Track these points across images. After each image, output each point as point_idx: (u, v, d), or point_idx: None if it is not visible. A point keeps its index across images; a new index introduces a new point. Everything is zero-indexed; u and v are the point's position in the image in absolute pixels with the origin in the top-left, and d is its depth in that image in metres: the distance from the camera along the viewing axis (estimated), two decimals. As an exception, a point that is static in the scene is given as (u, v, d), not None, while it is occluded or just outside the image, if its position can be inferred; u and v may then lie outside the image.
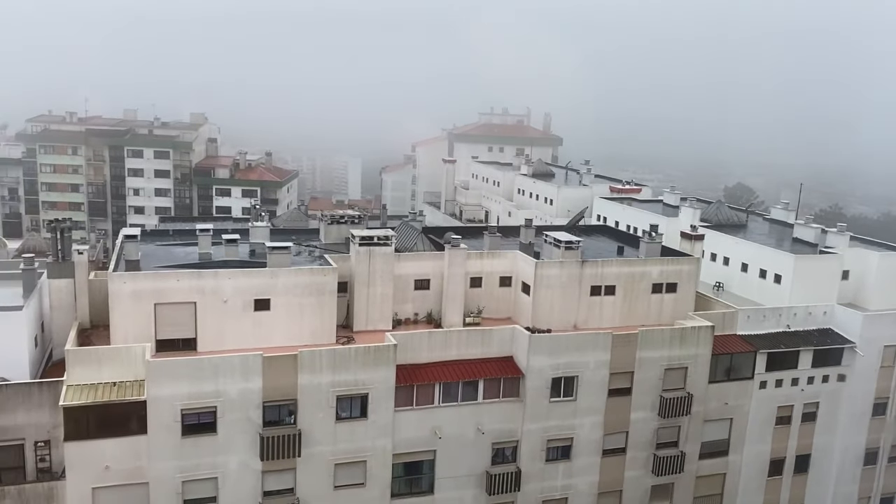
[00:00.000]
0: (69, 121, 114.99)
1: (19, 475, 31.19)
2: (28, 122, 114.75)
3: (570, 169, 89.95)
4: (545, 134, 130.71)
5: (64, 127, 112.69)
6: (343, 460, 34.86)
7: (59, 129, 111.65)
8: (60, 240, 35.53)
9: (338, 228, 44.51)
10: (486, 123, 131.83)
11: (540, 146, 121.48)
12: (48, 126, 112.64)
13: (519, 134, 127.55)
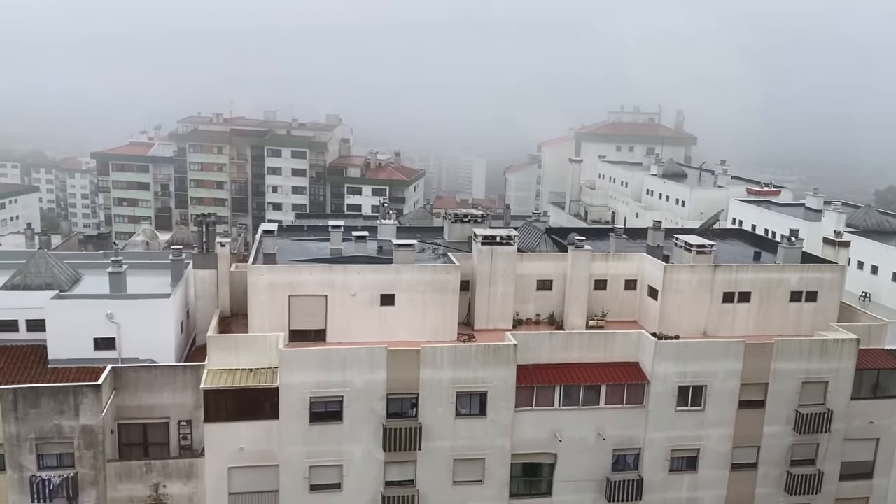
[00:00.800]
0: (216, 122, 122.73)
1: (164, 451, 33.71)
2: (179, 123, 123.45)
3: (703, 169, 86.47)
4: (677, 132, 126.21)
5: (211, 127, 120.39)
6: (462, 456, 35.22)
7: (207, 130, 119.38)
8: (206, 233, 38.01)
9: (461, 227, 44.96)
10: (616, 122, 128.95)
11: (671, 145, 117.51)
12: (197, 126, 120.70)
13: (649, 133, 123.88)
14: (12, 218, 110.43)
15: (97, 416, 31.17)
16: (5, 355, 34.47)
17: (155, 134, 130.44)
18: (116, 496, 32.33)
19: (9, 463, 31.02)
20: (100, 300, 34.85)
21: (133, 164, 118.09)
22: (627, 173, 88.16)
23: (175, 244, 50.23)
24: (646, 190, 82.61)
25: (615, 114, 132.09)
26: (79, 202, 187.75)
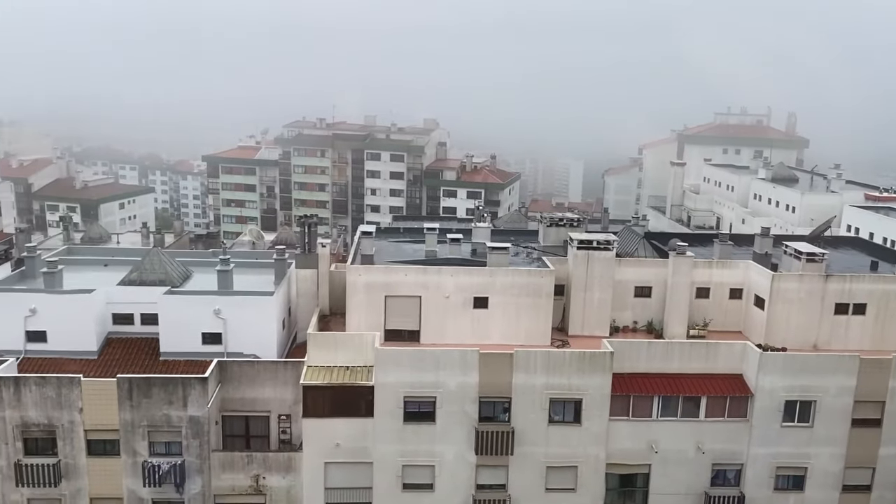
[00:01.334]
0: (319, 126, 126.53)
1: (265, 443, 34.93)
2: (285, 128, 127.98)
3: (815, 174, 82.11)
4: (788, 135, 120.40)
5: (315, 132, 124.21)
6: (555, 463, 34.78)
7: (311, 134, 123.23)
8: (308, 234, 39.21)
9: (556, 231, 44.44)
10: (721, 124, 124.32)
11: (781, 149, 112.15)
12: (301, 131, 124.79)
13: (758, 135, 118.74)
14: (130, 217, 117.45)
15: (203, 407, 32.66)
16: (122, 346, 36.67)
17: (262, 138, 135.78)
18: (220, 485, 33.76)
19: (123, 448, 32.96)
20: (208, 296, 36.52)
21: (241, 166, 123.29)
22: (734, 177, 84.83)
23: (279, 244, 52.06)
24: (753, 195, 79.23)
25: (721, 115, 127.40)
26: (190, 203, 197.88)
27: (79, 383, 32.30)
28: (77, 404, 32.34)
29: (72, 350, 35.60)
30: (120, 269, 40.54)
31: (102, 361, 35.63)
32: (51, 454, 32.80)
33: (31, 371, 33.64)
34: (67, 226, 68.79)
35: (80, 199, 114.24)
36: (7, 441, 32.42)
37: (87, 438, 32.85)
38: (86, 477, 33.16)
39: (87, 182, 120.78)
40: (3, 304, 35.25)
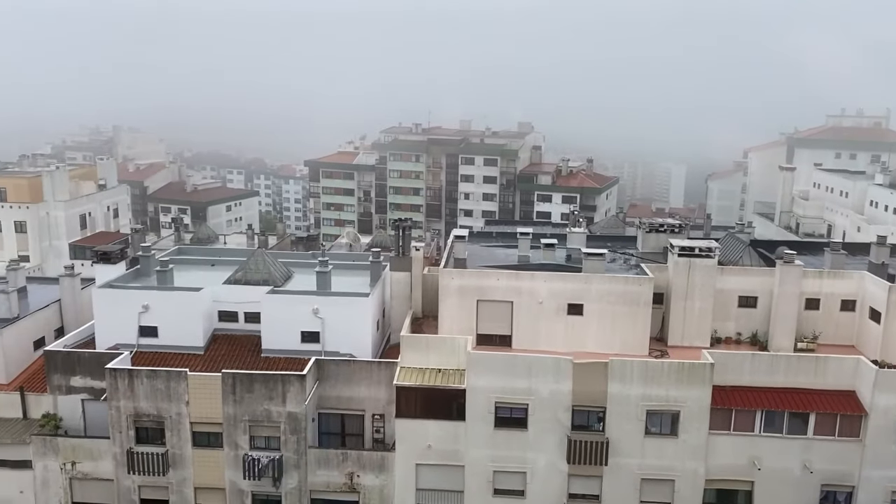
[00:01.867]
0: (415, 131, 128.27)
1: (359, 442, 35.60)
2: (381, 133, 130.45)
3: (940, 179, 76.45)
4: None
5: (410, 137, 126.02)
6: (650, 476, 33.79)
7: (406, 139, 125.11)
8: (402, 237, 39.75)
9: (656, 237, 43.26)
10: (835, 127, 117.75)
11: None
12: (398, 136, 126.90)
13: (876, 138, 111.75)
14: (237, 219, 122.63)
15: (301, 404, 33.60)
16: (227, 343, 38.23)
17: (360, 143, 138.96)
18: (315, 481, 34.62)
19: (226, 441, 34.34)
20: (307, 296, 37.57)
21: (340, 171, 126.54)
22: (848, 183, 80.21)
23: (374, 247, 53.02)
24: (869, 201, 74.67)
25: (834, 117, 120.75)
26: (292, 206, 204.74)
27: (186, 377, 33.90)
28: (184, 397, 33.95)
29: (180, 345, 37.39)
30: (226, 269, 42.29)
31: (208, 357, 37.26)
32: (159, 444, 34.56)
33: (143, 364, 35.57)
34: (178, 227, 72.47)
35: (190, 201, 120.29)
36: (121, 430, 34.38)
37: (192, 430, 34.39)
38: (191, 467, 34.73)
39: (196, 186, 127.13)
40: (119, 301, 37.40)
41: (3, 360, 37.94)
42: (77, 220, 74.22)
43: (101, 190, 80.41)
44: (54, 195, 71.62)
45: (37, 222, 70.58)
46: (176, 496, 35.04)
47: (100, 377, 34.71)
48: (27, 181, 72.10)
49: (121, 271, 40.26)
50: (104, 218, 79.38)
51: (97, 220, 77.89)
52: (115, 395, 34.07)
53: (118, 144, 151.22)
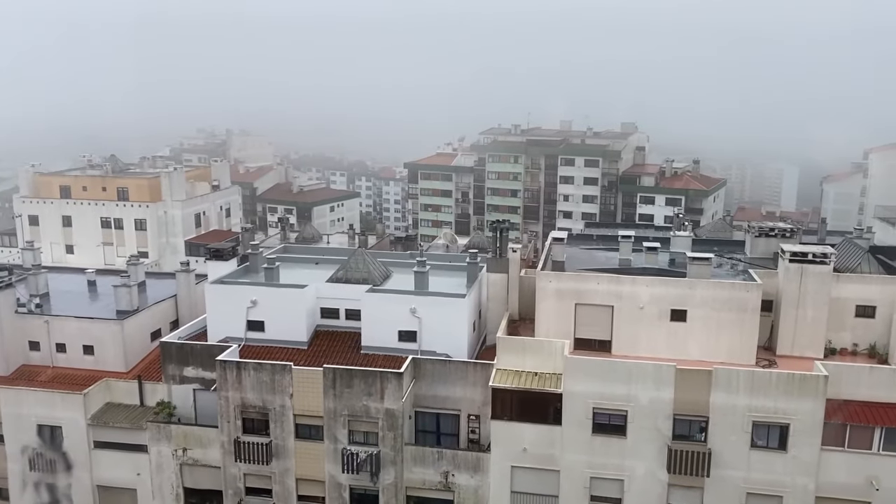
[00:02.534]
0: (514, 132, 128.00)
1: (454, 441, 35.82)
2: (481, 135, 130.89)
3: None
4: None
5: (509, 138, 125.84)
6: (756, 491, 32.34)
7: (505, 141, 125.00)
8: (499, 239, 39.74)
9: (766, 241, 41.44)
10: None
11: None
12: (496, 138, 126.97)
13: None
14: (339, 219, 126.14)
15: (398, 401, 34.16)
16: (328, 338, 39.36)
17: (459, 145, 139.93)
18: (411, 478, 35.11)
19: (326, 434, 35.34)
20: (405, 296, 38.17)
21: (438, 173, 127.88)
22: (982, 185, 74.20)
23: (471, 248, 53.27)
24: None
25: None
26: (392, 207, 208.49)
27: (290, 370, 35.12)
28: (288, 390, 35.18)
29: (285, 340, 38.80)
30: (329, 267, 43.58)
31: (311, 352, 38.47)
32: (264, 434, 35.95)
33: (250, 357, 37.12)
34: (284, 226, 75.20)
35: (296, 202, 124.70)
36: (229, 419, 36.00)
37: (295, 422, 35.60)
38: (293, 458, 35.96)
39: (302, 187, 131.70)
40: (229, 296, 39.20)
41: (124, 350, 40.53)
42: (192, 218, 78.30)
43: (215, 190, 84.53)
44: (172, 195, 75.83)
45: (155, 220, 74.94)
46: (279, 486, 36.37)
47: (210, 368, 36.48)
48: (147, 182, 76.70)
49: (231, 268, 42.17)
50: (217, 217, 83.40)
51: (211, 219, 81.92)
52: (224, 385, 35.71)
53: (230, 147, 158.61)
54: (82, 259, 71.12)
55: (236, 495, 36.68)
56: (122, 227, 75.11)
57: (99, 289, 47.33)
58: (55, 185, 76.66)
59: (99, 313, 42.07)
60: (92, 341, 40.66)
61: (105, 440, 37.92)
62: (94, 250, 74.25)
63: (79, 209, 75.10)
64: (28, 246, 52.82)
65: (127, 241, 74.64)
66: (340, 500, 35.84)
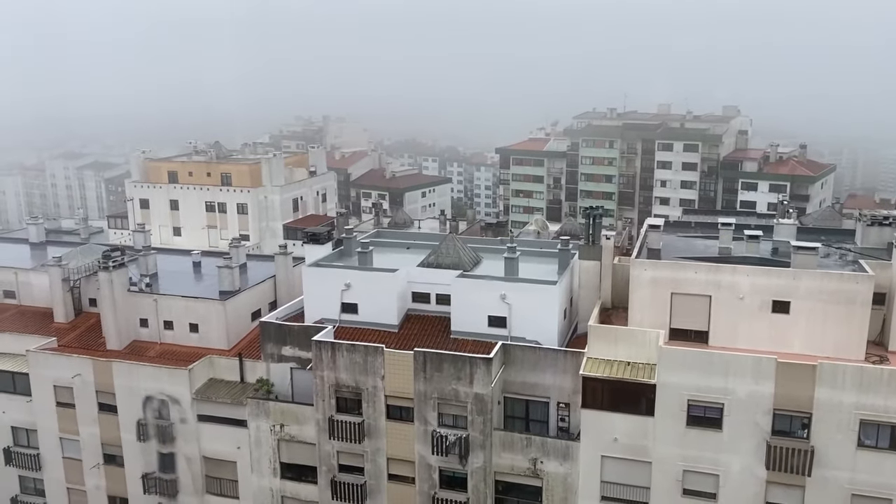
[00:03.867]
0: (609, 117, 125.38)
1: (544, 429, 35.68)
2: (574, 119, 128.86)
3: None
4: None
5: (604, 122, 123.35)
6: (863, 492, 30.73)
7: (600, 125, 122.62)
8: (592, 225, 39.06)
9: (879, 231, 39.06)
10: None
11: None
12: (591, 122, 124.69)
13: None
14: (431, 205, 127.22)
15: (487, 386, 34.29)
16: (419, 322, 39.89)
17: (551, 130, 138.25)
18: (500, 463, 35.25)
19: (416, 416, 35.91)
20: (495, 282, 38.17)
21: (530, 158, 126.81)
22: None
23: (563, 235, 52.65)
24: None
25: None
26: (482, 192, 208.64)
27: (382, 353, 35.83)
28: (380, 371, 35.93)
29: (377, 322, 39.59)
30: (420, 252, 44.08)
31: (402, 335, 39.11)
32: (357, 414, 36.89)
33: (344, 338, 38.10)
34: (378, 212, 76.60)
35: (388, 187, 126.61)
36: (324, 398, 37.13)
37: (386, 403, 36.34)
38: (384, 438, 36.76)
39: (395, 173, 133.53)
40: (325, 279, 40.30)
41: (226, 328, 42.41)
42: (290, 203, 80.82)
43: (312, 176, 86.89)
44: (271, 181, 78.47)
45: (256, 205, 77.78)
46: (370, 464, 37.28)
47: (306, 348, 37.67)
48: (248, 168, 79.63)
49: (327, 251, 43.31)
50: (314, 202, 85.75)
51: (308, 204, 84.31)
52: (320, 365, 36.82)
53: (327, 134, 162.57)
54: (188, 241, 74.72)
55: (330, 472, 37.86)
56: (225, 211, 78.31)
57: (203, 269, 49.66)
58: (163, 171, 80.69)
59: (203, 293, 44.15)
60: (197, 319, 42.75)
61: (208, 414, 39.88)
62: (199, 233, 77.85)
63: (185, 193, 78.84)
64: (139, 228, 55.94)
65: (229, 224, 77.81)
66: (430, 480, 36.40)
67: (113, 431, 41.53)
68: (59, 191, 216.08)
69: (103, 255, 43.83)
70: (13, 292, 48.29)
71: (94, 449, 42.41)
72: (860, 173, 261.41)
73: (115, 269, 42.89)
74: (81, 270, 46.49)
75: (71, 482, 43.67)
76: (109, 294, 42.70)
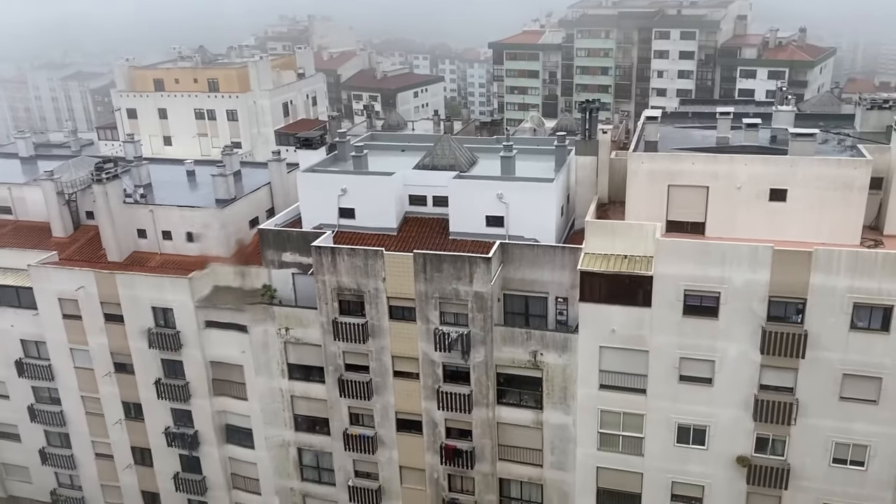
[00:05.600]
0: (605, 5, 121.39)
1: (543, 323, 36.44)
2: (569, 9, 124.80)
3: None
4: None
5: (600, 11, 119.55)
6: (854, 372, 31.74)
7: (595, 14, 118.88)
8: (589, 120, 38.53)
9: (878, 114, 38.63)
10: None
11: None
12: (586, 11, 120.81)
13: None
14: (423, 105, 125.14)
15: (487, 284, 34.77)
16: (417, 225, 40.00)
17: (546, 21, 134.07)
18: (500, 356, 36.20)
19: (418, 316, 36.58)
20: (492, 181, 38.02)
21: (524, 52, 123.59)
22: None
23: (559, 131, 52.01)
24: None
25: None
26: (476, 90, 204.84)
27: (382, 256, 36.11)
28: (381, 274, 36.31)
29: (376, 226, 39.69)
30: (415, 155, 43.67)
31: (401, 238, 39.30)
32: (360, 315, 37.55)
33: (343, 243, 38.29)
34: (370, 114, 75.31)
35: (380, 88, 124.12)
36: (327, 301, 37.69)
37: (388, 304, 36.94)
38: (388, 337, 37.58)
39: (385, 72, 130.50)
40: (320, 184, 40.07)
41: (226, 236, 42.54)
42: (280, 108, 79.33)
43: (301, 79, 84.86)
44: (260, 84, 76.69)
45: (246, 111, 76.35)
46: (376, 363, 38.29)
47: (307, 254, 37.93)
48: (236, 72, 77.60)
49: (321, 157, 42.88)
50: (304, 106, 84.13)
51: (298, 108, 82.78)
52: (321, 270, 37.17)
53: (313, 34, 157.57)
54: (180, 150, 73.81)
55: (336, 371, 38.93)
56: (215, 118, 76.97)
57: (197, 178, 49.33)
58: (149, 79, 78.67)
59: (199, 202, 44.02)
60: (195, 229, 42.82)
61: (214, 320, 40.57)
62: (190, 141, 76.80)
63: (173, 102, 77.20)
64: (129, 139, 55.11)
65: (220, 131, 76.66)
66: (434, 375, 37.50)
67: (121, 340, 42.38)
68: (44, 103, 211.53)
69: (96, 168, 43.36)
70: (8, 208, 48.12)
71: (104, 358, 43.39)
72: (860, 56, 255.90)
73: (109, 181, 42.55)
74: (75, 184, 46.15)
75: (84, 390, 44.94)
76: (105, 206, 42.56)
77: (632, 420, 35.42)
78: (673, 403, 34.41)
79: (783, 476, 33.74)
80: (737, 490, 35.08)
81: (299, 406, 40.97)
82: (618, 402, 35.25)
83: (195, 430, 43.11)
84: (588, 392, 35.38)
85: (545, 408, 36.42)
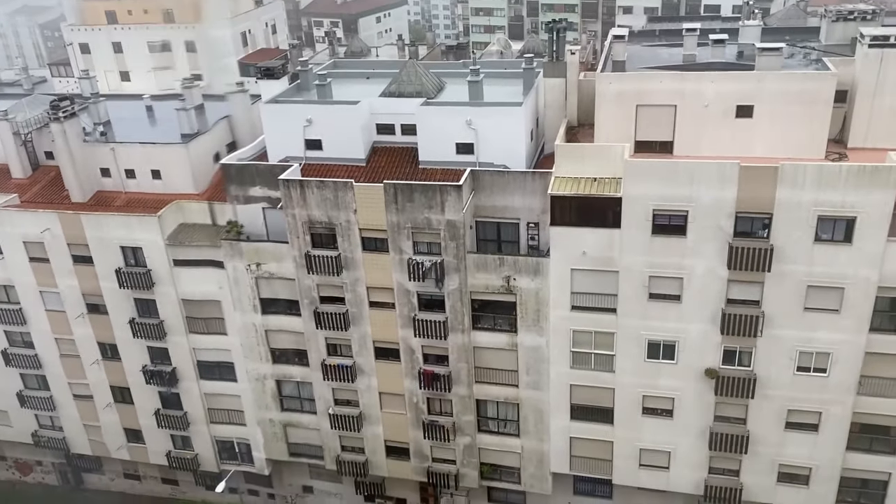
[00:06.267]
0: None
1: (515, 248, 36.75)
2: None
3: None
4: None
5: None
6: (817, 283, 32.65)
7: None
8: (556, 41, 37.91)
9: (843, 26, 38.55)
10: None
11: None
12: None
13: None
14: (387, 30, 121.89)
15: (459, 212, 34.79)
16: (386, 154, 39.59)
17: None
18: (474, 283, 36.58)
19: (391, 246, 36.63)
20: (460, 107, 37.52)
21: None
22: None
23: (526, 53, 51.21)
24: None
25: None
26: (440, 14, 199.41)
27: (352, 187, 35.81)
28: (352, 206, 36.10)
29: (344, 157, 39.19)
30: (380, 82, 42.81)
31: (370, 168, 38.93)
32: (332, 248, 37.49)
33: (311, 176, 37.83)
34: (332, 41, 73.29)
35: (341, 13, 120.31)
36: (298, 235, 37.50)
37: (361, 236, 36.87)
38: (362, 269, 37.67)
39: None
40: (285, 115, 39.27)
41: (192, 172, 41.78)
42: (239, 38, 76.72)
43: (258, 6, 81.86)
44: (217, 13, 73.86)
45: (203, 41, 73.73)
46: (351, 294, 38.49)
47: (275, 187, 37.48)
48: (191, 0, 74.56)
49: (284, 87, 41.87)
50: (263, 35, 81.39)
51: (257, 37, 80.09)
52: (290, 203, 36.83)
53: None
54: (139, 85, 71.45)
55: (312, 304, 39.10)
56: (171, 50, 74.34)
57: (157, 114, 48.05)
58: (101, 11, 75.19)
59: (162, 138, 42.99)
60: (159, 165, 41.95)
61: (184, 258, 40.24)
62: (147, 76, 74.28)
63: (127, 34, 74.08)
64: (84, 75, 53.18)
65: (178, 64, 74.15)
66: (409, 304, 37.87)
67: (91, 282, 41.98)
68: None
69: (52, 106, 41.95)
70: (-38, 150, 46.64)
71: (75, 300, 43.06)
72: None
73: (66, 120, 41.29)
74: (31, 123, 44.71)
75: (58, 333, 44.73)
76: (65, 146, 41.41)
77: (603, 339, 36.30)
78: (643, 321, 35.25)
79: (750, 386, 35.04)
80: (705, 401, 36.43)
81: (276, 339, 41.25)
82: (589, 322, 36.02)
83: (173, 367, 43.34)
84: (560, 314, 36.06)
85: (519, 331, 37.12)
